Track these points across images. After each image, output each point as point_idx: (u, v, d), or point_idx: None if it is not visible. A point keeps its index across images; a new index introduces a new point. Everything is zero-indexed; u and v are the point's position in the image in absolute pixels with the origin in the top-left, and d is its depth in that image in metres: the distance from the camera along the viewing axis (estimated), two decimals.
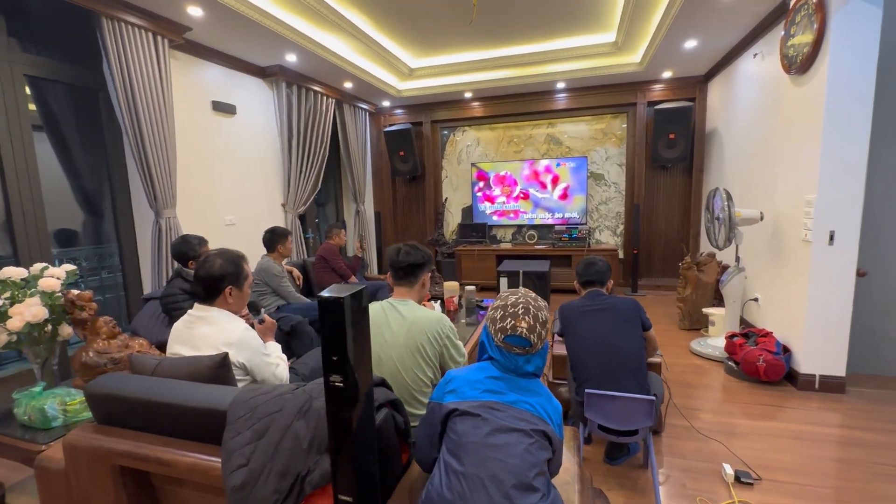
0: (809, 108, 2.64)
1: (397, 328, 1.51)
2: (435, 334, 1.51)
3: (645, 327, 1.91)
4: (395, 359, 1.48)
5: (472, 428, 0.98)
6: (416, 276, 1.63)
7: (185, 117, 3.33)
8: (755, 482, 1.88)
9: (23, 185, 2.54)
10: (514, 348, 1.07)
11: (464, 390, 1.07)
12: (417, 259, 1.62)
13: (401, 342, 1.49)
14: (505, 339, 1.08)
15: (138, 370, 1.43)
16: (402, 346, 1.49)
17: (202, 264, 1.58)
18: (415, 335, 1.50)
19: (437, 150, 6.09)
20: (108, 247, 3.18)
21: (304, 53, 3.80)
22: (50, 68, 2.69)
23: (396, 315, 1.54)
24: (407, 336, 1.49)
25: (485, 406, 1.02)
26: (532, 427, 1.00)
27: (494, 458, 0.94)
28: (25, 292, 1.76)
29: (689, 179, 5.15)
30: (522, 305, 1.09)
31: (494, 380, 1.08)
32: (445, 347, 1.54)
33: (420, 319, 1.52)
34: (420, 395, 1.51)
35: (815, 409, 2.49)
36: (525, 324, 1.06)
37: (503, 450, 0.95)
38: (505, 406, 1.02)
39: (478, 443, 0.96)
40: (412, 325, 1.51)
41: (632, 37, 4.08)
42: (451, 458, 0.97)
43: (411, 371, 1.49)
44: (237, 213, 3.92)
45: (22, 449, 1.54)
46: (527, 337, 1.06)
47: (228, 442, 1.04)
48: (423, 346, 1.49)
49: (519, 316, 1.07)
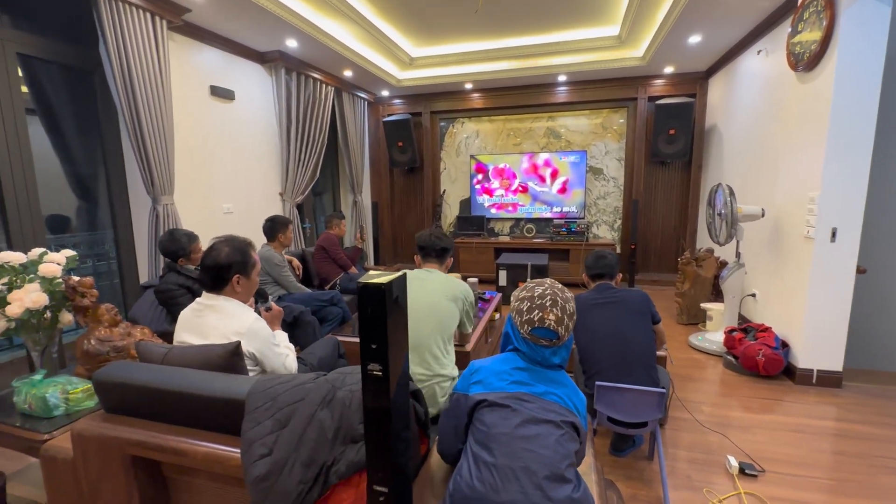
0: (815, 106, 2.65)
1: (436, 283, 1.82)
2: (463, 296, 1.85)
3: (655, 320, 1.92)
4: (429, 305, 1.74)
5: (502, 419, 0.97)
6: (444, 258, 1.96)
7: (182, 102, 3.25)
8: (759, 474, 1.91)
9: (16, 169, 2.46)
10: (541, 340, 1.06)
11: (490, 381, 1.05)
12: (448, 245, 1.95)
13: (439, 290, 1.79)
14: (532, 332, 1.06)
15: (146, 358, 1.40)
16: (439, 293, 1.78)
17: (208, 253, 1.55)
18: (450, 288, 1.82)
19: (435, 141, 6.04)
20: (102, 233, 3.10)
21: (305, 39, 3.72)
22: (44, 47, 2.59)
23: (435, 275, 1.86)
24: (443, 287, 1.81)
25: (514, 397, 1.01)
26: (562, 418, 0.99)
27: (526, 450, 0.93)
28: (24, 278, 1.71)
29: (687, 175, 5.18)
30: (550, 297, 1.07)
31: (521, 371, 1.07)
32: (466, 312, 1.90)
33: (453, 281, 1.87)
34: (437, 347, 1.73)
35: (814, 403, 2.53)
36: (553, 316, 1.05)
37: (535, 441, 0.94)
38: (534, 397, 1.01)
39: (509, 434, 0.95)
40: (448, 283, 1.83)
41: (636, 30, 4.06)
42: (481, 450, 0.95)
43: (439, 318, 1.75)
44: (235, 201, 3.85)
45: (23, 438, 1.50)
46: (555, 329, 1.05)
47: (248, 432, 1.02)
48: (455, 300, 1.81)
49: (547, 308, 1.06)
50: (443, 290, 1.80)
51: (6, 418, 1.56)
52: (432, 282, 1.83)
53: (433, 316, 1.73)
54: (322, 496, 0.94)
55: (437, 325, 1.73)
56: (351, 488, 0.94)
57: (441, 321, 1.74)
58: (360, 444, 0.95)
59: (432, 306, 1.75)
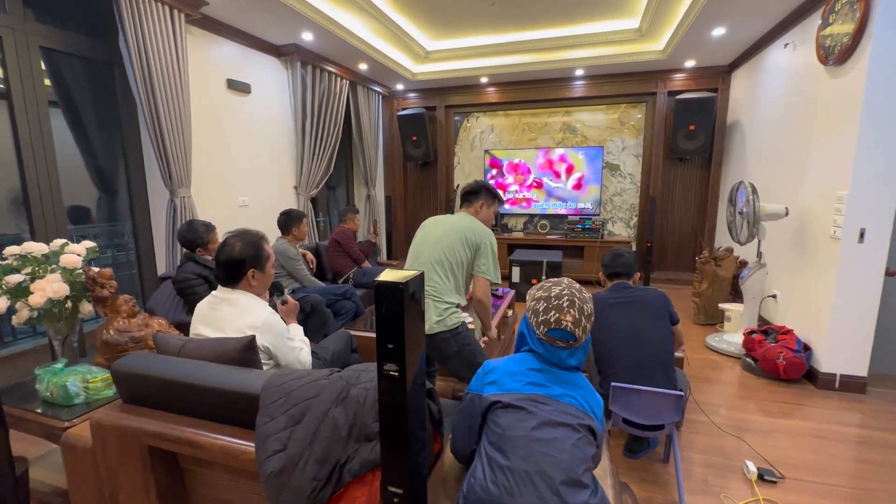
0: (846, 101, 2.55)
1: (453, 221, 1.95)
2: (470, 234, 1.89)
3: (673, 321, 1.88)
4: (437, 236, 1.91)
5: (517, 421, 0.95)
6: (471, 201, 2.06)
7: (200, 95, 3.27)
8: (778, 480, 1.86)
9: (39, 161, 2.50)
10: (557, 342, 1.03)
11: (505, 382, 1.03)
12: (474, 188, 2.07)
13: (454, 225, 1.92)
14: (548, 333, 1.04)
15: (163, 350, 1.41)
16: (452, 229, 1.90)
17: (222, 248, 1.55)
18: (463, 226, 1.91)
19: (450, 135, 6.00)
20: (121, 225, 3.15)
21: (321, 31, 3.71)
22: (65, 41, 2.63)
23: (458, 216, 1.99)
24: (458, 224, 1.92)
25: (529, 399, 0.99)
26: (579, 421, 0.97)
27: (542, 453, 0.91)
28: (46, 268, 1.74)
29: (707, 172, 5.06)
30: (567, 298, 1.04)
31: (537, 372, 1.04)
32: (478, 250, 1.90)
33: (471, 222, 1.95)
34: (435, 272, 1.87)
35: (836, 409, 2.46)
36: (570, 317, 1.02)
37: (551, 444, 0.92)
38: (550, 399, 0.99)
39: (524, 437, 0.93)
40: (463, 222, 1.93)
41: (657, 23, 3.96)
42: (496, 452, 0.94)
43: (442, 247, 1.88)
44: (251, 194, 3.88)
45: (44, 425, 1.53)
46: (572, 331, 1.02)
47: (262, 427, 1.02)
48: (466, 240, 1.88)
49: (564, 309, 1.03)
50: (457, 226, 1.91)
51: (29, 405, 1.60)
52: (450, 220, 1.96)
53: (438, 245, 1.89)
54: (335, 494, 0.94)
55: (440, 253, 1.87)
56: (364, 486, 0.94)
57: (444, 250, 1.87)
58: (374, 442, 0.94)
59: (439, 237, 1.91)
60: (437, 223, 2.00)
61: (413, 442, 0.77)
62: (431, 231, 1.97)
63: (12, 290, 1.65)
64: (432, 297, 1.84)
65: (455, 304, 1.88)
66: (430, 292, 1.84)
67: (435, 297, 1.84)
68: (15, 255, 1.73)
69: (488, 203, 2.08)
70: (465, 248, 1.88)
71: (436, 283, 1.86)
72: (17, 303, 1.68)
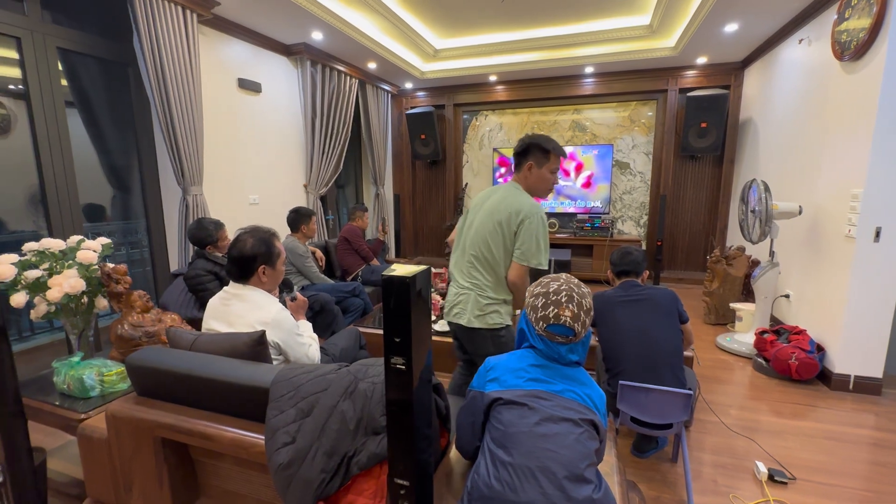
0: (862, 97, 2.51)
1: (497, 199, 1.73)
2: (513, 215, 1.66)
3: (682, 320, 1.86)
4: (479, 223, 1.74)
5: (519, 417, 0.96)
6: (520, 164, 1.79)
7: (211, 94, 3.32)
8: (789, 481, 1.84)
9: (56, 160, 2.56)
10: (556, 337, 1.04)
11: (506, 378, 1.04)
12: (521, 147, 1.78)
13: (495, 208, 1.71)
14: (547, 328, 1.04)
15: (176, 344, 1.44)
16: (492, 212, 1.71)
17: (234, 244, 1.58)
18: (503, 206, 1.69)
19: (458, 134, 6.00)
20: (135, 222, 3.21)
21: (330, 31, 3.73)
22: (82, 41, 2.68)
23: (505, 190, 1.76)
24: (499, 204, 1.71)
25: (531, 395, 0.99)
26: (581, 416, 0.97)
27: (545, 449, 0.91)
28: (63, 264, 1.78)
29: (719, 170, 5.00)
30: (566, 293, 1.05)
31: (538, 368, 1.05)
32: (517, 232, 1.65)
33: (508, 201, 1.69)
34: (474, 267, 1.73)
35: (850, 411, 2.42)
36: (569, 312, 1.03)
37: (553, 440, 0.93)
38: (551, 395, 1.00)
39: (526, 433, 0.94)
40: (505, 201, 1.70)
41: (668, 19, 3.91)
42: (498, 449, 0.94)
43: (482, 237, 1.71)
44: (261, 192, 3.93)
45: (62, 416, 1.57)
46: (571, 326, 1.03)
47: (272, 419, 1.04)
48: (501, 223, 1.67)
49: (562, 304, 1.04)
50: (494, 210, 1.70)
51: (47, 397, 1.64)
52: (492, 201, 1.74)
53: (477, 236, 1.73)
54: (343, 486, 0.95)
55: (476, 248, 1.72)
56: (372, 479, 0.95)
57: (479, 246, 1.71)
58: (381, 435, 0.95)
59: (479, 226, 1.73)
60: (479, 204, 1.79)
61: (419, 436, 0.78)
62: (474, 218, 1.78)
63: (31, 285, 1.70)
64: (475, 291, 1.72)
65: (500, 300, 1.73)
66: (472, 286, 1.73)
67: (477, 291, 1.72)
68: (34, 252, 1.77)
69: (539, 161, 1.73)
70: (502, 239, 1.67)
71: (476, 278, 1.72)
72: (35, 297, 1.73)
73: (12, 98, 2.44)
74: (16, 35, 2.37)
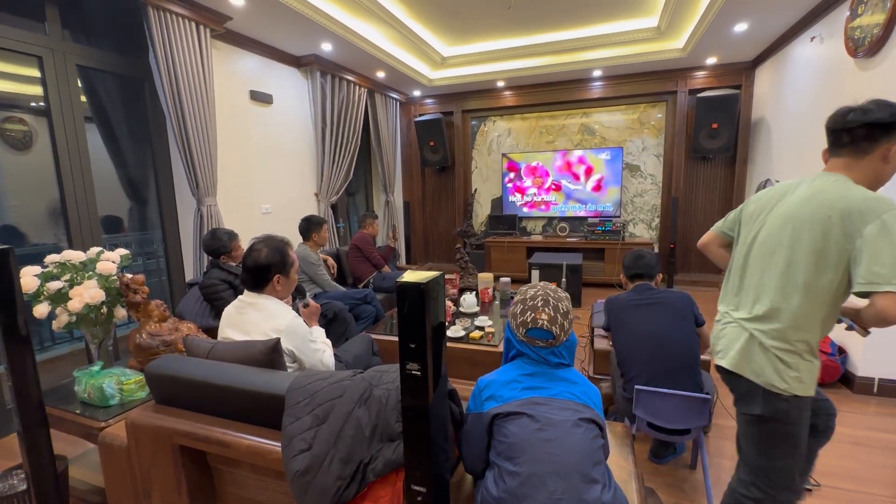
0: (877, 93, 2.42)
1: (808, 195, 1.18)
2: (851, 219, 1.06)
3: (698, 323, 1.84)
4: (778, 226, 1.20)
5: (521, 427, 0.97)
6: (874, 144, 1.17)
7: (224, 106, 3.38)
8: (814, 488, 1.79)
9: (76, 174, 2.63)
10: (537, 341, 1.07)
11: (501, 393, 1.05)
12: (875, 117, 1.15)
13: (808, 215, 1.14)
14: (527, 333, 1.07)
15: (193, 353, 1.46)
16: (807, 219, 1.14)
17: (249, 254, 1.60)
18: (827, 208, 1.10)
19: (467, 140, 6.02)
20: (151, 233, 3.27)
21: (340, 42, 3.79)
22: (100, 58, 2.76)
23: (820, 182, 1.19)
24: (816, 203, 1.14)
25: (528, 403, 1.00)
26: (580, 416, 0.99)
27: (549, 454, 0.92)
28: (84, 275, 1.82)
29: (731, 171, 4.93)
30: (542, 297, 1.08)
31: (529, 376, 1.06)
32: (865, 240, 1.03)
33: (846, 197, 1.09)
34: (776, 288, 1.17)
35: (875, 415, 2.35)
36: (546, 315, 1.05)
37: (557, 443, 0.93)
38: (547, 399, 1.01)
39: (530, 440, 0.94)
40: (828, 197, 1.12)
41: (676, 20, 3.90)
42: (505, 462, 0.95)
43: (798, 253, 1.14)
44: (273, 202, 3.98)
45: (82, 425, 1.60)
46: (548, 329, 1.05)
47: (288, 427, 1.04)
48: (834, 229, 1.08)
49: (539, 308, 1.06)
50: (820, 207, 1.12)
51: (68, 405, 1.67)
52: (801, 194, 1.19)
53: (782, 240, 1.17)
54: (359, 493, 0.95)
55: (783, 256, 1.17)
56: (388, 486, 0.95)
57: (791, 251, 1.16)
58: (397, 442, 0.95)
59: (781, 226, 1.19)
60: (772, 202, 1.27)
61: (435, 441, 0.78)
62: (765, 217, 1.26)
63: (53, 296, 1.74)
64: (760, 322, 1.20)
65: (804, 341, 1.15)
66: (758, 314, 1.20)
67: (767, 325, 1.18)
68: (55, 263, 1.82)
69: None
70: (833, 245, 1.09)
71: (773, 302, 1.17)
72: (57, 308, 1.77)
73: (33, 115, 2.52)
74: (38, 54, 2.45)
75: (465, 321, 2.72)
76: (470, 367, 2.35)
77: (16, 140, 2.46)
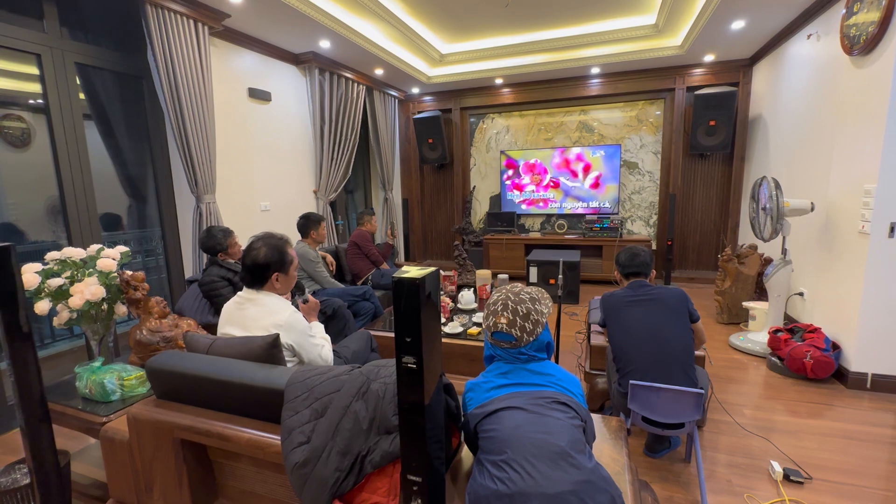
0: (872, 91, 2.48)
1: None
2: None
3: (693, 319, 1.86)
4: None
5: (498, 422, 1.00)
6: None
7: (223, 104, 3.39)
8: (805, 481, 1.82)
9: (75, 171, 2.64)
10: (501, 343, 1.12)
11: (481, 396, 1.09)
12: None
13: None
14: (493, 336, 1.12)
15: (193, 348, 1.48)
16: None
17: (247, 253, 1.61)
18: None
19: (465, 137, 6.03)
20: (151, 231, 3.28)
21: (338, 39, 3.79)
22: (98, 56, 2.76)
23: None
24: None
25: (506, 398, 1.04)
26: (555, 401, 1.02)
27: (531, 440, 0.95)
28: (84, 272, 1.84)
29: (729, 168, 4.96)
30: (502, 302, 1.13)
31: (504, 375, 1.11)
32: None
33: None
34: None
35: (868, 409, 2.38)
36: (504, 319, 1.10)
37: (533, 426, 0.97)
38: (523, 392, 1.05)
39: (511, 430, 0.97)
40: None
41: (674, 18, 3.91)
42: (490, 454, 0.98)
43: None
44: (272, 199, 3.99)
45: (84, 420, 1.62)
46: (508, 332, 1.09)
47: (287, 420, 1.06)
48: None
49: (498, 313, 1.11)
50: None
51: (70, 401, 1.69)
52: None
53: None
54: (357, 484, 0.97)
55: None
56: (385, 477, 0.97)
57: None
58: (394, 434, 0.97)
59: None
60: None
61: (431, 431, 0.80)
62: None
63: (54, 292, 1.75)
64: None
65: None
66: None
67: None
68: (56, 260, 1.83)
69: None
70: None
71: None
72: (58, 305, 1.78)
73: (32, 112, 2.53)
74: (36, 52, 2.45)
75: (462, 318, 2.74)
76: (467, 363, 2.37)
77: (14, 138, 2.47)
